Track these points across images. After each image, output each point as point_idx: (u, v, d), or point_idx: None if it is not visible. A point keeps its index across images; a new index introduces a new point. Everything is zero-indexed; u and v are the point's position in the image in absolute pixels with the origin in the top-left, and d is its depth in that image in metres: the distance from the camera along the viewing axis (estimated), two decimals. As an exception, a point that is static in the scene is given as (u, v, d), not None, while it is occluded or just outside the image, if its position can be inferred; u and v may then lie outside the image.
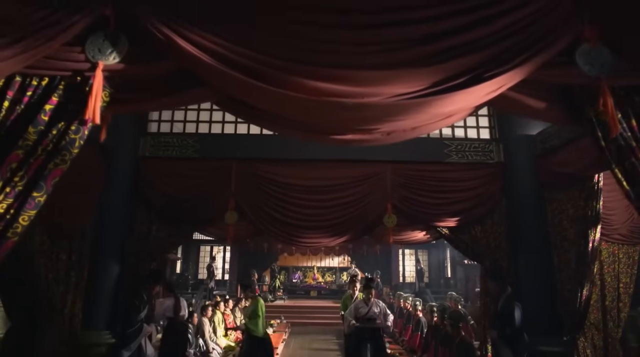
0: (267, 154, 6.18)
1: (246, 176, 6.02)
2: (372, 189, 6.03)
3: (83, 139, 2.55)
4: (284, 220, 5.94)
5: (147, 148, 6.16)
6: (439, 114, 2.91)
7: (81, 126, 2.43)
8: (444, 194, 6.03)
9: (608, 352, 5.72)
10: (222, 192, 5.97)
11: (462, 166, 6.16)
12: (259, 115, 2.99)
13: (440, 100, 2.63)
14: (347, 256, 20.58)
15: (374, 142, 3.31)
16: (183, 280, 20.81)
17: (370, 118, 2.85)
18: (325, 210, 5.97)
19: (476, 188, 6.06)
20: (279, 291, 18.17)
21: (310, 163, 6.13)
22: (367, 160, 6.15)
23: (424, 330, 9.41)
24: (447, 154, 6.20)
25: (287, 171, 6.08)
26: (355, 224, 6.03)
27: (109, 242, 5.66)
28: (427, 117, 2.89)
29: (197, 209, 5.97)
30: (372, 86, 2.62)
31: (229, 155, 6.15)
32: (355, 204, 5.99)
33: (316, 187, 6.02)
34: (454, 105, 2.77)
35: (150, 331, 5.22)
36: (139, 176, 6.00)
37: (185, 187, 6.00)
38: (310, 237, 6.14)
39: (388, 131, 3.11)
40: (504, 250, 5.86)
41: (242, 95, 2.88)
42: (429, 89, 2.65)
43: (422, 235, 6.72)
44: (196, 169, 6.11)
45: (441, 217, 6.02)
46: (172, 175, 6.04)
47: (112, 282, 5.57)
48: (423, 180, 6.07)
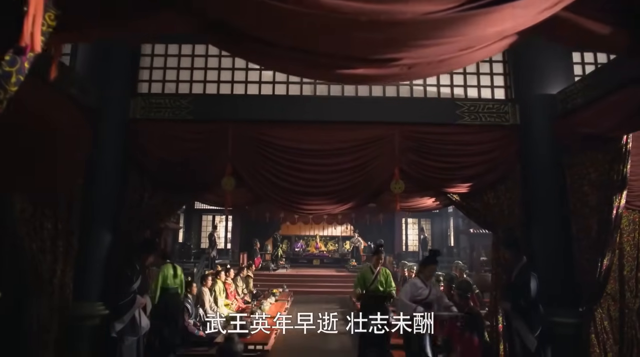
0: (266, 116, 5.77)
1: (244, 139, 5.63)
2: (378, 152, 5.64)
3: (22, 74, 2.06)
4: (284, 186, 5.59)
5: (138, 110, 5.74)
6: (476, 39, 2.34)
7: (18, 57, 1.98)
8: (455, 158, 5.65)
9: (624, 324, 5.46)
10: (218, 156, 5.59)
11: (475, 128, 5.75)
12: (249, 46, 2.44)
13: (483, 16, 2.07)
14: (349, 225, 20.51)
15: (390, 79, 2.77)
16: (185, 249, 20.86)
17: (389, 41, 2.24)
18: (328, 175, 5.60)
19: (490, 152, 5.67)
20: (281, 260, 18.09)
21: (313, 125, 5.74)
22: (374, 121, 5.76)
23: (428, 299, 9.24)
24: (459, 115, 5.78)
25: (288, 134, 5.69)
26: (361, 191, 5.67)
27: (100, 209, 5.35)
28: (461, 43, 2.34)
29: (192, 174, 5.62)
30: (393, 3, 2.05)
31: (225, 117, 5.74)
32: (361, 168, 5.61)
33: (319, 150, 5.63)
34: (497, 26, 2.19)
35: (144, 302, 4.95)
36: (131, 140, 5.62)
37: (180, 151, 5.63)
38: (312, 204, 5.80)
39: (410, 63, 2.50)
40: (517, 217, 5.52)
41: (229, 12, 2.31)
42: (469, 4, 2.07)
43: (431, 202, 6.37)
44: (190, 131, 5.71)
45: (452, 182, 5.66)
46: (165, 139, 5.65)
47: (104, 252, 5.28)
48: (433, 143, 5.67)
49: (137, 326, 4.77)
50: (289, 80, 6.00)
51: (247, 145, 5.64)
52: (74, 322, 4.76)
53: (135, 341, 4.80)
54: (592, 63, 6.09)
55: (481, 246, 14.83)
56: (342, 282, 15.45)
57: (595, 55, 6.10)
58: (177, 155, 5.60)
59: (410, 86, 6.01)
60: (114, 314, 4.71)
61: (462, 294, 6.70)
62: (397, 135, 5.66)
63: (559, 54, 5.65)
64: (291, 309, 11.31)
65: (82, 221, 5.03)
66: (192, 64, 6.10)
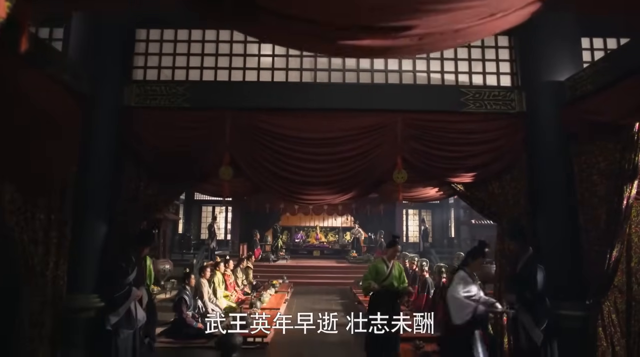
0: (265, 103, 5.60)
1: (242, 127, 5.47)
2: (380, 141, 5.48)
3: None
4: (283, 175, 5.43)
5: (133, 97, 5.58)
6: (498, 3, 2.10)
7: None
8: (459, 146, 5.49)
9: (631, 316, 5.33)
10: (216, 145, 5.44)
11: (480, 116, 5.58)
12: (244, 15, 2.21)
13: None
14: (350, 215, 20.39)
15: (398, 52, 2.53)
16: (185, 240, 20.78)
17: (399, 5, 1.96)
18: (329, 164, 5.44)
19: (495, 140, 5.50)
20: (281, 251, 18.00)
21: (313, 113, 5.58)
22: (376, 109, 5.60)
23: (430, 291, 9.15)
24: (463, 102, 5.61)
25: (288, 122, 5.52)
26: (362, 180, 5.51)
27: (94, 198, 5.21)
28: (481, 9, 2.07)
29: (189, 163, 5.47)
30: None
31: (223, 104, 5.57)
32: (362, 157, 5.45)
33: (319, 139, 5.47)
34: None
35: (140, 294, 4.82)
36: (126, 128, 5.46)
37: (176, 140, 5.47)
38: (312, 193, 5.65)
39: (421, 33, 2.24)
40: (523, 207, 5.38)
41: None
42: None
43: (434, 192, 6.23)
44: (187, 120, 5.55)
45: (456, 172, 5.51)
46: (161, 127, 5.50)
47: (99, 242, 5.15)
48: (437, 131, 5.51)
49: (133, 319, 4.65)
50: (288, 67, 5.84)
51: (245, 134, 5.48)
52: (68, 315, 4.63)
53: (131, 334, 4.68)
54: (601, 49, 5.92)
55: (483, 237, 14.68)
56: (343, 273, 15.37)
57: (605, 41, 5.92)
58: (174, 144, 5.45)
59: (413, 73, 5.83)
60: (109, 306, 4.58)
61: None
62: (400, 123, 5.49)
63: (567, 39, 5.46)
64: (291, 301, 11.23)
65: (75, 210, 4.88)
66: (188, 49, 5.91)
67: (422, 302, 9.12)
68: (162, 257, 13.45)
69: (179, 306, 6.91)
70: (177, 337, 6.79)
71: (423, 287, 9.24)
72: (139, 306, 4.83)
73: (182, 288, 7.14)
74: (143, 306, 4.93)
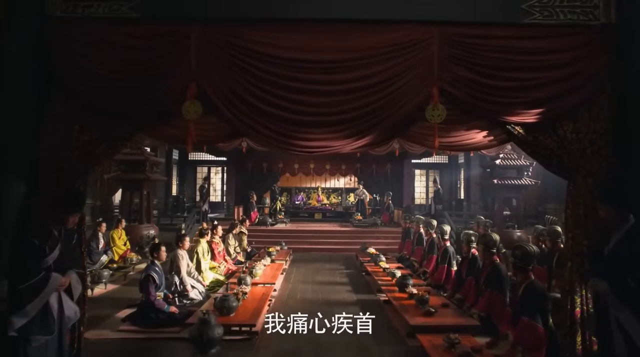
0: (247, 12, 3.97)
1: (214, 47, 3.87)
2: (409, 64, 3.87)
3: None
4: (275, 113, 3.86)
5: (59, 5, 3.95)
6: None
7: None
8: (519, 73, 3.90)
9: None
10: (176, 71, 3.84)
11: (548, 31, 3.95)
12: None
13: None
14: (354, 176, 18.96)
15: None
16: (179, 203, 19.55)
17: None
18: (337, 97, 3.86)
19: (569, 64, 3.90)
20: (280, 214, 16.66)
21: (317, 26, 3.97)
22: (403, 20, 3.96)
23: (452, 262, 7.80)
24: (525, 10, 3.97)
25: (280, 39, 3.92)
26: (382, 119, 3.93)
27: (7, 149, 3.70)
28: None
29: (138, 97, 3.90)
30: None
31: (186, 13, 3.94)
32: (384, 88, 3.86)
33: (325, 62, 3.87)
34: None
35: (66, 282, 3.36)
36: (51, 48, 3.87)
37: (120, 64, 3.87)
38: (314, 139, 4.08)
39: None
40: (605, 159, 3.87)
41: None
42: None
43: (481, 136, 4.67)
44: (135, 35, 3.92)
45: (514, 108, 3.95)
46: (99, 47, 3.88)
47: (14, 211, 3.66)
48: (488, 51, 3.89)
49: (52, 320, 3.21)
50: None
51: (219, 56, 3.88)
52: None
53: (52, 340, 3.25)
54: None
55: (501, 199, 13.27)
56: (347, 238, 14.07)
57: None
58: (117, 71, 3.86)
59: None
60: (13, 303, 3.13)
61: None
62: (437, 40, 3.88)
63: None
64: (289, 270, 9.92)
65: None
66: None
67: (442, 275, 7.77)
68: (146, 222, 12.07)
69: (145, 286, 5.49)
70: (144, 324, 5.40)
71: (444, 258, 7.86)
72: (67, 299, 3.39)
73: (150, 263, 5.71)
74: (75, 298, 3.49)
